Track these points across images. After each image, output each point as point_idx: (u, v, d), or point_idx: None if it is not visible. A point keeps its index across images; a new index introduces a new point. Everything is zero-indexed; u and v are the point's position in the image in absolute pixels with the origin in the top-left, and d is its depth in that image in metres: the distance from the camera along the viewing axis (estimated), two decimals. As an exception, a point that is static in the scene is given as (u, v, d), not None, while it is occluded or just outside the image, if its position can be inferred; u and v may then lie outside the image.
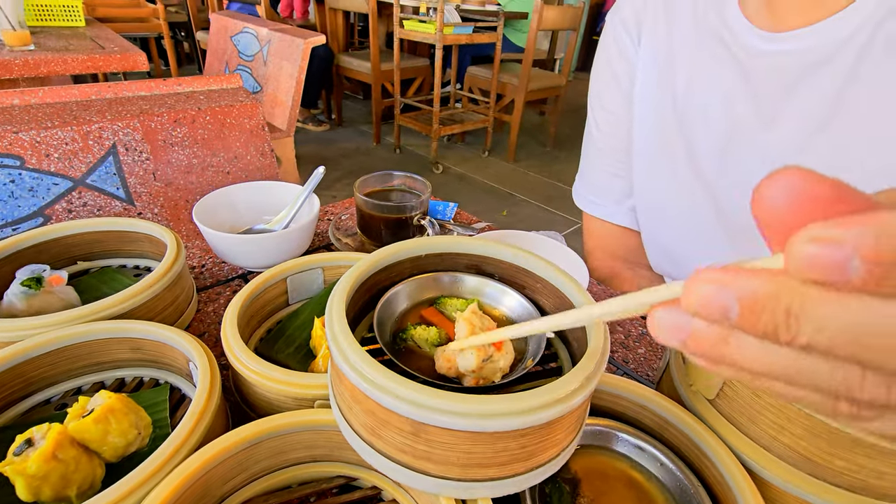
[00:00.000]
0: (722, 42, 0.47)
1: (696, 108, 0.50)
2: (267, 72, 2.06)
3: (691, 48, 0.50)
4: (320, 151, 2.90)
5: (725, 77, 0.47)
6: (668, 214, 0.55)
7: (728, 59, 0.47)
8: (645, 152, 0.55)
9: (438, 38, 2.28)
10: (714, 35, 0.48)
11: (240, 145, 1.02)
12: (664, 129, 0.52)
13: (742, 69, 0.46)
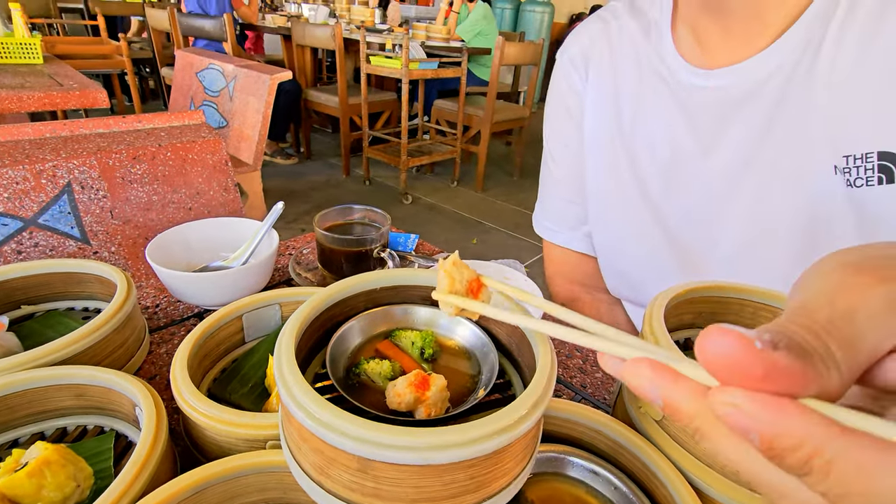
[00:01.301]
0: (661, 77, 0.50)
1: (642, 139, 0.52)
2: (233, 107, 2.06)
3: (634, 83, 0.53)
4: (289, 185, 2.89)
5: (666, 110, 0.50)
6: (622, 241, 0.57)
7: (667, 94, 0.50)
8: (597, 182, 0.58)
9: (404, 74, 2.34)
10: (654, 71, 0.51)
11: (202, 181, 1.01)
12: (614, 159, 0.55)
13: (680, 103, 0.49)
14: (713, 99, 0.47)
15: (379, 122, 3.18)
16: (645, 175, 0.52)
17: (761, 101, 0.44)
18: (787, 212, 0.44)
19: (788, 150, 0.44)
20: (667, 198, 0.51)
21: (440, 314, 0.35)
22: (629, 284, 0.59)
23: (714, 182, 0.48)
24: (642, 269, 0.56)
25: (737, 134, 0.46)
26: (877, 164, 0.40)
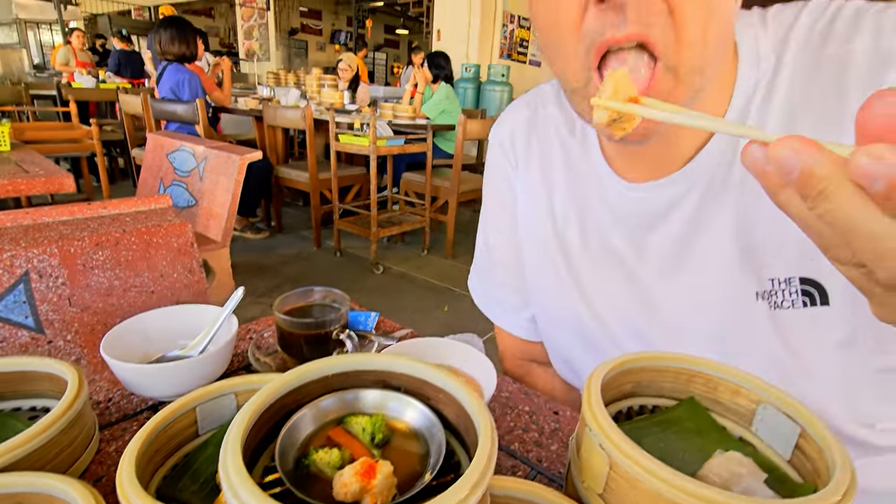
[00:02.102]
0: (589, 178, 0.51)
1: (576, 238, 0.53)
2: (203, 186, 2.09)
3: (564, 179, 0.53)
4: (259, 259, 2.88)
5: (597, 211, 0.51)
6: (562, 333, 0.57)
7: (596, 194, 0.51)
8: (536, 278, 0.58)
9: (372, 150, 2.46)
10: (582, 170, 0.52)
11: (166, 264, 1.01)
12: (551, 258, 0.55)
13: (609, 206, 0.50)
14: (639, 207, 0.48)
15: (349, 194, 3.27)
16: (580, 274, 0.53)
17: (677, 217, 0.45)
18: (710, 323, 0.45)
19: (709, 268, 0.45)
20: (602, 298, 0.52)
21: (391, 397, 0.36)
22: (573, 370, 0.59)
23: (643, 285, 0.49)
24: (583, 359, 0.56)
25: (661, 243, 0.47)
26: (799, 288, 0.41)
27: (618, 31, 0.33)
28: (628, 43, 0.34)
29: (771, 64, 0.41)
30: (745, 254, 0.43)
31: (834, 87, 0.38)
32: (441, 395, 0.35)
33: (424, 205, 2.94)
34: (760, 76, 0.41)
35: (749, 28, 0.42)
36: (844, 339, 0.41)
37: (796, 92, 0.40)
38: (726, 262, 0.44)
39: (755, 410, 0.37)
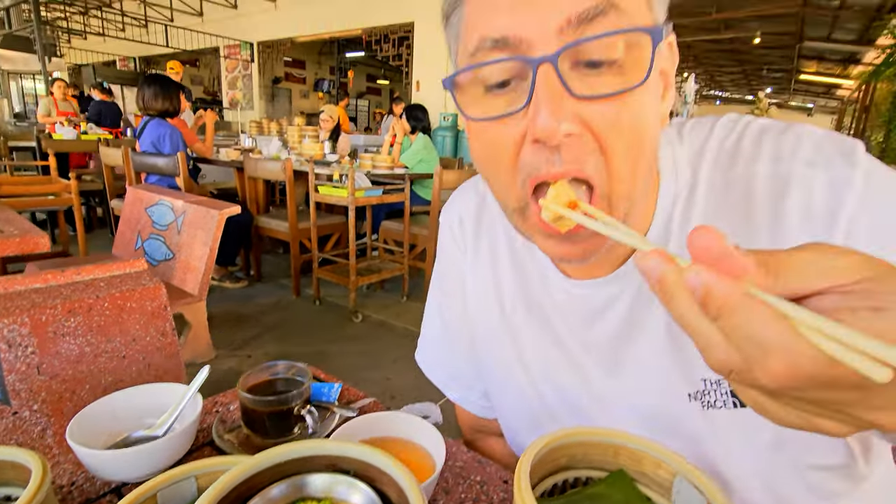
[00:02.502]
0: (533, 270, 0.53)
1: (521, 319, 0.54)
2: (181, 240, 2.11)
3: (511, 270, 0.54)
4: (238, 308, 2.87)
5: (542, 299, 0.52)
6: (508, 406, 0.58)
7: (541, 287, 0.52)
8: (482, 350, 0.59)
9: (351, 201, 2.52)
10: (527, 262, 0.53)
11: (139, 328, 1.02)
12: (495, 332, 0.56)
13: (553, 299, 0.51)
14: (579, 303, 0.49)
15: (329, 243, 3.31)
16: (527, 358, 0.54)
17: (614, 314, 0.47)
18: (646, 417, 0.48)
19: (644, 367, 0.47)
20: (547, 382, 0.53)
21: (339, 480, 0.39)
22: (519, 446, 0.60)
23: (586, 375, 0.50)
24: (529, 436, 0.57)
25: (599, 339, 0.49)
26: (728, 389, 0.43)
27: (553, 168, 0.36)
28: (564, 177, 0.37)
29: (688, 179, 0.44)
30: (676, 355, 0.45)
31: (743, 205, 0.42)
32: (384, 477, 0.38)
33: (403, 252, 2.99)
34: (679, 189, 0.45)
35: (668, 145, 0.46)
36: (773, 440, 0.43)
37: (710, 208, 0.43)
38: (660, 362, 0.46)
39: (673, 482, 0.40)
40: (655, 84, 0.39)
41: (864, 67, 10.06)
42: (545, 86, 0.34)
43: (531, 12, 0.34)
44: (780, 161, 0.41)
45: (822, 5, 7.82)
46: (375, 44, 7.16)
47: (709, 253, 0.22)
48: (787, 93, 16.85)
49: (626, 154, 0.36)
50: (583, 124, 0.35)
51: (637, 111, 0.36)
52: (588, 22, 0.33)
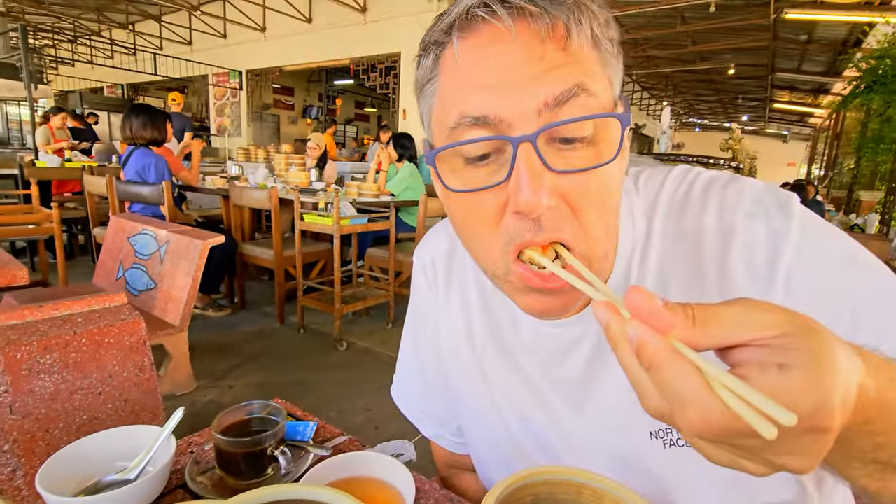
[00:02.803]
0: (503, 311, 0.54)
1: (492, 359, 0.55)
2: (163, 270, 2.10)
3: (482, 311, 0.55)
4: (220, 337, 2.83)
5: (511, 339, 0.53)
6: (480, 444, 0.59)
7: (510, 325, 0.53)
8: (454, 388, 0.60)
9: (336, 230, 2.54)
10: (496, 303, 0.54)
11: (117, 363, 1.02)
12: (467, 371, 0.57)
13: (521, 338, 0.53)
14: (546, 342, 0.51)
15: (314, 270, 3.30)
16: (497, 396, 0.55)
17: (580, 353, 0.49)
18: (611, 455, 0.49)
19: (607, 406, 0.48)
20: (522, 427, 0.54)
21: (308, 526, 0.39)
22: (491, 483, 0.60)
23: (554, 413, 0.52)
24: (499, 474, 0.55)
25: (566, 378, 0.50)
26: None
27: (536, 237, 0.38)
28: (546, 243, 0.39)
29: (643, 228, 0.47)
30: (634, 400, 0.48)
31: (694, 255, 0.45)
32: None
33: (389, 279, 3.00)
34: (636, 237, 0.47)
35: (625, 194, 0.48)
36: (730, 477, 0.44)
37: (665, 257, 0.46)
38: (623, 401, 0.47)
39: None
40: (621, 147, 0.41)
41: (834, 97, 10.51)
42: (526, 163, 0.36)
43: (511, 94, 0.36)
44: (724, 213, 0.44)
45: (792, 39, 8.21)
46: (363, 73, 7.30)
47: (640, 311, 0.25)
48: (762, 120, 17.47)
49: (597, 217, 0.40)
50: (559, 195, 0.38)
51: (605, 180, 0.39)
52: (563, 104, 0.36)
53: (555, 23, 0.36)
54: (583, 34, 0.37)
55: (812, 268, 0.41)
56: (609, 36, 0.39)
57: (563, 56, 0.36)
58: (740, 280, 0.43)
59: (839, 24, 7.19)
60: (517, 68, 0.36)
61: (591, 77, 0.37)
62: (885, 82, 6.16)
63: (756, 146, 15.49)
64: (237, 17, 8.04)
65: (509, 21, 0.36)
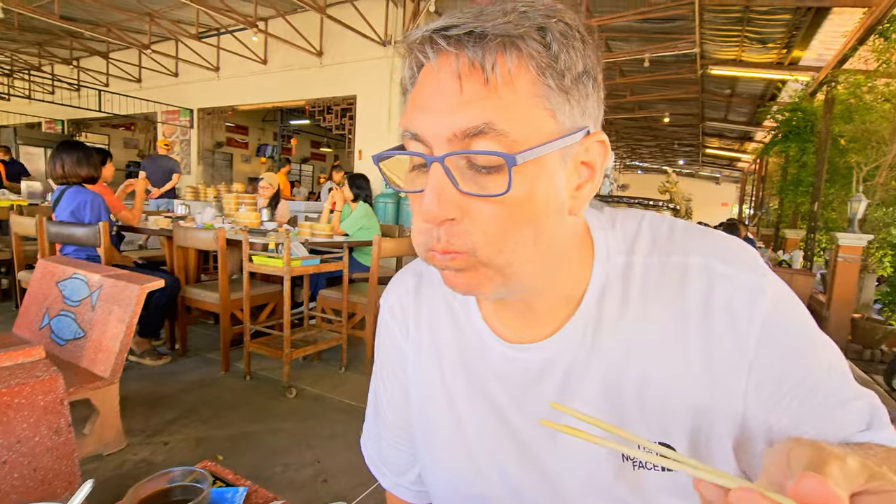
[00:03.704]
0: (474, 338, 0.54)
1: (462, 389, 0.55)
2: (94, 317, 1.96)
3: (453, 342, 0.56)
4: (157, 388, 2.64)
5: (481, 367, 0.54)
6: (444, 486, 0.58)
7: (481, 355, 0.54)
8: (421, 428, 0.59)
9: (286, 272, 2.47)
10: (467, 331, 0.55)
11: (27, 427, 0.92)
12: (436, 407, 0.57)
13: (492, 366, 0.53)
14: (516, 368, 0.51)
15: (264, 312, 3.18)
16: (466, 431, 0.55)
17: (552, 379, 0.49)
18: (583, 479, 0.49)
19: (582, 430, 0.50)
20: (486, 454, 0.54)
21: None
22: None
23: (524, 442, 0.51)
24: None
25: (537, 404, 0.50)
26: (657, 453, 0.45)
27: (437, 245, 0.42)
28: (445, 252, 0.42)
29: (621, 262, 0.50)
30: (612, 416, 0.48)
31: (678, 290, 0.47)
32: None
33: (342, 321, 2.92)
34: (611, 269, 0.49)
35: (601, 230, 0.51)
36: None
37: (649, 289, 0.48)
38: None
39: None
40: (557, 178, 0.43)
41: (757, 144, 11.54)
42: (434, 179, 0.40)
43: (430, 121, 0.41)
44: (709, 257, 0.47)
45: (717, 92, 9.03)
46: (318, 114, 7.36)
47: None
48: (697, 164, 18.86)
49: (504, 235, 0.42)
50: (462, 211, 0.41)
51: (511, 207, 0.41)
52: (472, 137, 0.40)
53: (473, 61, 0.39)
54: (504, 73, 0.39)
55: (780, 329, 0.45)
56: (560, 70, 0.40)
57: (483, 91, 0.39)
58: (719, 323, 0.45)
59: (756, 80, 8.00)
60: (442, 98, 0.40)
61: (507, 114, 0.39)
62: (798, 132, 6.84)
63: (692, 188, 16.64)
64: (190, 57, 7.97)
65: (434, 58, 0.41)
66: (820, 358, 0.45)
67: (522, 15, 0.40)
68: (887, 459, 0.39)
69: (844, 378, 0.46)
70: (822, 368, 0.45)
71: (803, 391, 0.44)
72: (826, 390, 0.44)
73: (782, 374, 0.44)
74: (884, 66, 5.04)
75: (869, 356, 4.32)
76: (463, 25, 0.39)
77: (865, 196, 4.74)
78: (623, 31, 6.93)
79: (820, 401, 0.44)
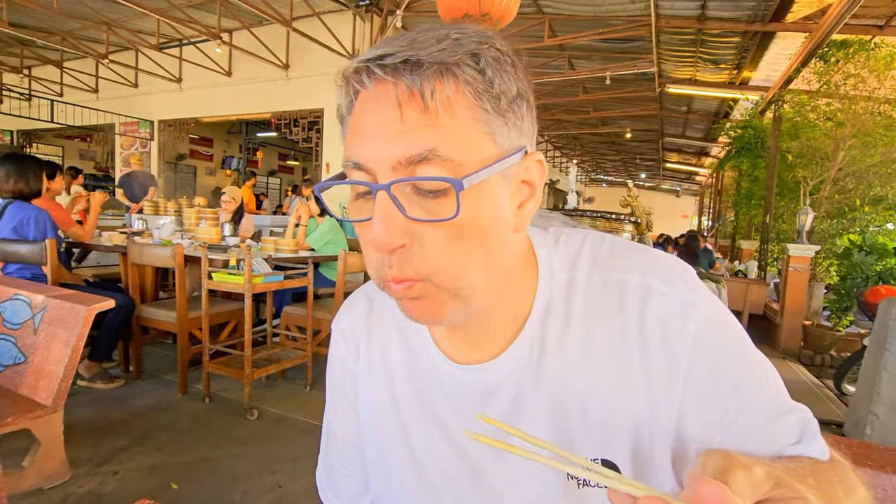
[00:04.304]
0: (424, 360, 0.54)
1: (413, 411, 0.55)
2: (37, 341, 1.85)
3: (402, 355, 0.56)
4: (107, 414, 2.50)
5: (431, 388, 0.54)
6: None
7: (430, 374, 0.54)
8: (373, 451, 0.59)
9: (247, 289, 2.40)
10: (418, 353, 0.55)
11: (-50, 464, 0.85)
12: (388, 429, 0.57)
13: (442, 387, 0.53)
14: (465, 389, 0.52)
15: (224, 331, 3.07)
16: (418, 452, 0.55)
17: (501, 398, 0.50)
18: (530, 499, 0.49)
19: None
20: (437, 475, 0.54)
21: None
22: None
23: (474, 463, 0.52)
24: None
25: (487, 426, 0.50)
26: (588, 469, 0.48)
27: (390, 272, 0.42)
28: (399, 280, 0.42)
29: (564, 279, 0.51)
30: (557, 435, 0.48)
31: (618, 306, 0.48)
32: None
33: (307, 338, 2.86)
34: (555, 287, 0.50)
35: (544, 248, 0.52)
36: None
37: (592, 304, 0.49)
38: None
39: None
40: (501, 198, 0.43)
41: (713, 159, 12.07)
42: (381, 206, 0.40)
43: (374, 150, 0.41)
44: (646, 274, 0.49)
45: (675, 109, 9.42)
46: (285, 126, 7.26)
47: None
48: (658, 178, 19.56)
49: (450, 258, 0.42)
50: (412, 237, 0.41)
51: (460, 229, 0.41)
52: (416, 164, 0.40)
53: (411, 89, 0.39)
54: (443, 100, 0.39)
55: (712, 344, 0.46)
56: (496, 94, 0.41)
57: (423, 118, 0.39)
58: (653, 337, 0.46)
59: (711, 99, 8.39)
60: (383, 127, 0.40)
61: (449, 140, 0.39)
62: (750, 148, 7.20)
63: (654, 201, 17.23)
64: (151, 68, 7.75)
65: (372, 87, 0.40)
66: (753, 373, 0.47)
67: (456, 42, 0.40)
68: (813, 472, 0.40)
69: (777, 392, 0.47)
70: (755, 383, 0.46)
71: (735, 406, 0.45)
72: (759, 405, 0.45)
73: (715, 388, 0.45)
74: (825, 87, 5.39)
75: (819, 361, 4.53)
76: (398, 54, 0.39)
77: (812, 209, 5.02)
78: (585, 51, 7.17)
79: (753, 415, 0.45)
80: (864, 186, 5.44)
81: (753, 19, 5.19)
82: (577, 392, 0.48)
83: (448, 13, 3.52)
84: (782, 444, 0.45)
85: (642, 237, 3.36)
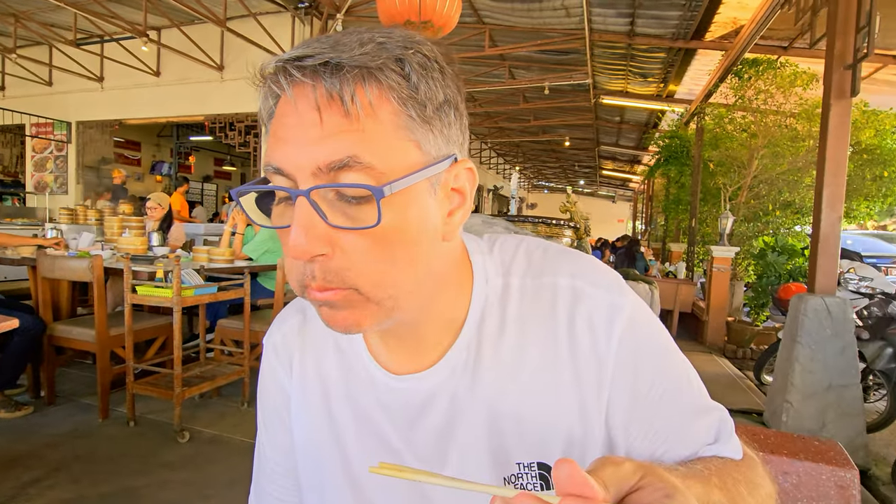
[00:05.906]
0: (361, 373, 0.53)
1: (350, 426, 0.54)
2: (-78, 368, 1.62)
3: (338, 369, 0.55)
4: (13, 446, 2.25)
5: (368, 401, 0.53)
6: None
7: (366, 386, 0.53)
8: (308, 471, 0.57)
9: (176, 302, 2.25)
10: (354, 366, 0.54)
11: None
12: (323, 447, 0.55)
13: (380, 399, 0.52)
14: (402, 399, 0.51)
15: (152, 348, 2.86)
16: (355, 469, 0.53)
17: (438, 407, 0.50)
18: None
19: (467, 457, 0.49)
20: (378, 493, 0.53)
21: None
22: None
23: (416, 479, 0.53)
24: None
25: (425, 435, 0.50)
26: (537, 472, 0.47)
27: (312, 282, 0.40)
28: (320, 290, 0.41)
29: (499, 284, 0.51)
30: (494, 441, 0.48)
31: (550, 310, 0.49)
32: None
33: (243, 352, 2.72)
34: (490, 292, 0.50)
35: (479, 254, 0.52)
36: None
37: (525, 309, 0.50)
38: (479, 450, 0.48)
39: None
40: (427, 206, 0.42)
41: (644, 167, 12.82)
42: (300, 213, 0.38)
43: (293, 154, 0.39)
44: (575, 278, 0.49)
45: (609, 119, 9.92)
46: (220, 130, 6.92)
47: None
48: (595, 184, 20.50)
49: (373, 267, 0.40)
50: (333, 245, 0.39)
51: (384, 238, 0.40)
52: (337, 170, 0.38)
53: (331, 92, 0.38)
54: (364, 105, 0.38)
55: (637, 347, 0.47)
56: (422, 100, 0.40)
57: (344, 123, 0.38)
58: (582, 341, 0.47)
59: (641, 110, 8.91)
60: (302, 130, 0.38)
61: (371, 146, 0.38)
62: (677, 156, 7.70)
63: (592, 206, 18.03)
64: (67, 65, 7.15)
65: (289, 89, 0.39)
66: (674, 373, 0.49)
67: (380, 46, 0.39)
68: (719, 472, 0.43)
69: (698, 392, 0.50)
70: (676, 383, 0.48)
71: (657, 403, 0.47)
72: (680, 404, 0.48)
73: (639, 390, 0.47)
74: (740, 101, 5.88)
75: (741, 354, 4.90)
76: (318, 56, 0.37)
77: (732, 213, 5.44)
78: (524, 61, 7.40)
79: (673, 413, 0.47)
80: (775, 192, 5.95)
81: (677, 37, 5.57)
82: (511, 401, 0.48)
83: (389, 19, 3.50)
84: (699, 445, 0.47)
85: (581, 241, 3.48)
